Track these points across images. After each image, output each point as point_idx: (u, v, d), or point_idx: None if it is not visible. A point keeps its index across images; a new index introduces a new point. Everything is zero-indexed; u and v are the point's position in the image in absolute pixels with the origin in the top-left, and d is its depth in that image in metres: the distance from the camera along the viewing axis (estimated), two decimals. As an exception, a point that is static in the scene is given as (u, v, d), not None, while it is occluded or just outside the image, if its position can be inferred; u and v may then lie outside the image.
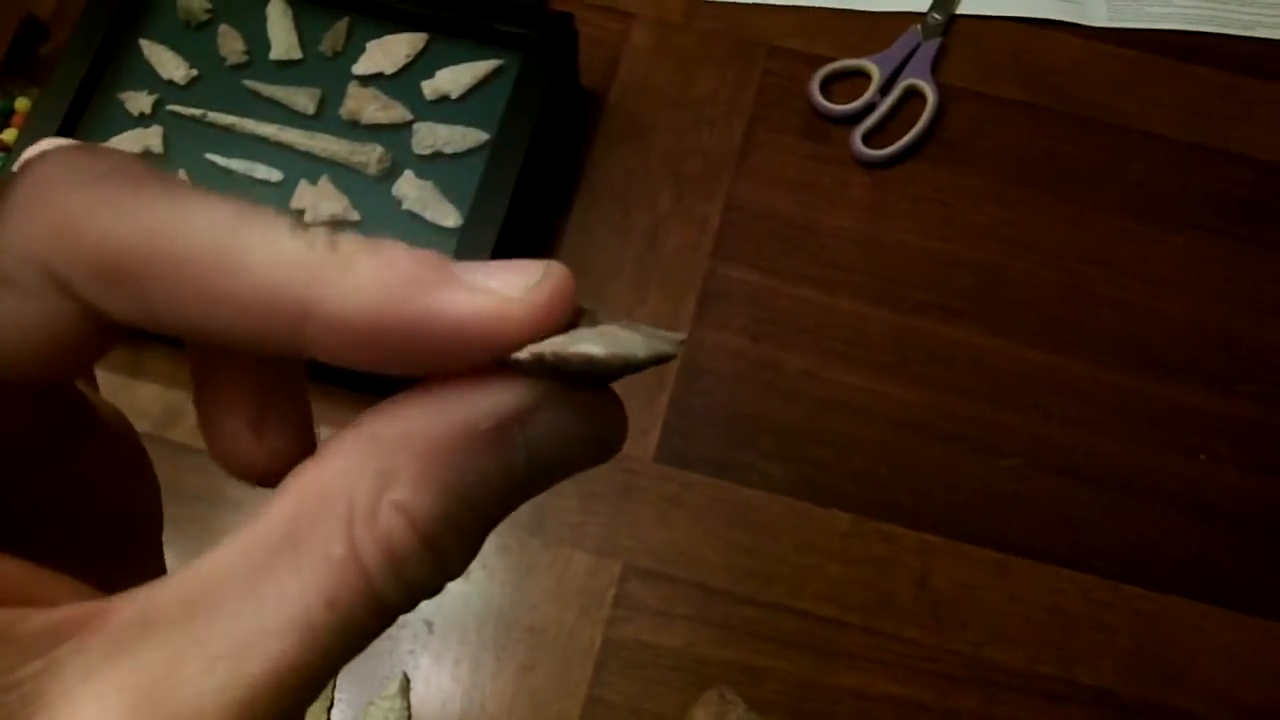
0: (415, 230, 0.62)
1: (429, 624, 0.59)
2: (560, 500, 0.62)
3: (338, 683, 0.59)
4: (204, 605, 0.15)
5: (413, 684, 0.59)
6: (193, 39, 0.67)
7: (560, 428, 0.17)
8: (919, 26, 0.72)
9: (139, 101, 0.65)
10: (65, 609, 0.16)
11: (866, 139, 0.69)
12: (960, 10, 0.73)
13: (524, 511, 0.61)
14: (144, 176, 0.16)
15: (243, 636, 0.15)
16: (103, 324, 0.17)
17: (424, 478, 0.16)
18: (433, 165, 0.64)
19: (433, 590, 0.17)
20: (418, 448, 0.16)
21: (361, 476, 0.16)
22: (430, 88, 0.65)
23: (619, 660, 0.59)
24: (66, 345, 0.17)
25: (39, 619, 0.15)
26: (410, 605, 0.17)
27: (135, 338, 0.21)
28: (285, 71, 0.66)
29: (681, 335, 0.18)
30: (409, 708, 0.58)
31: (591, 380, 0.17)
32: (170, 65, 0.66)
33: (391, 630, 0.58)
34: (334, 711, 0.58)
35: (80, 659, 0.15)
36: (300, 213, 0.62)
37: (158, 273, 0.16)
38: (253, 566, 0.16)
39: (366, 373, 0.17)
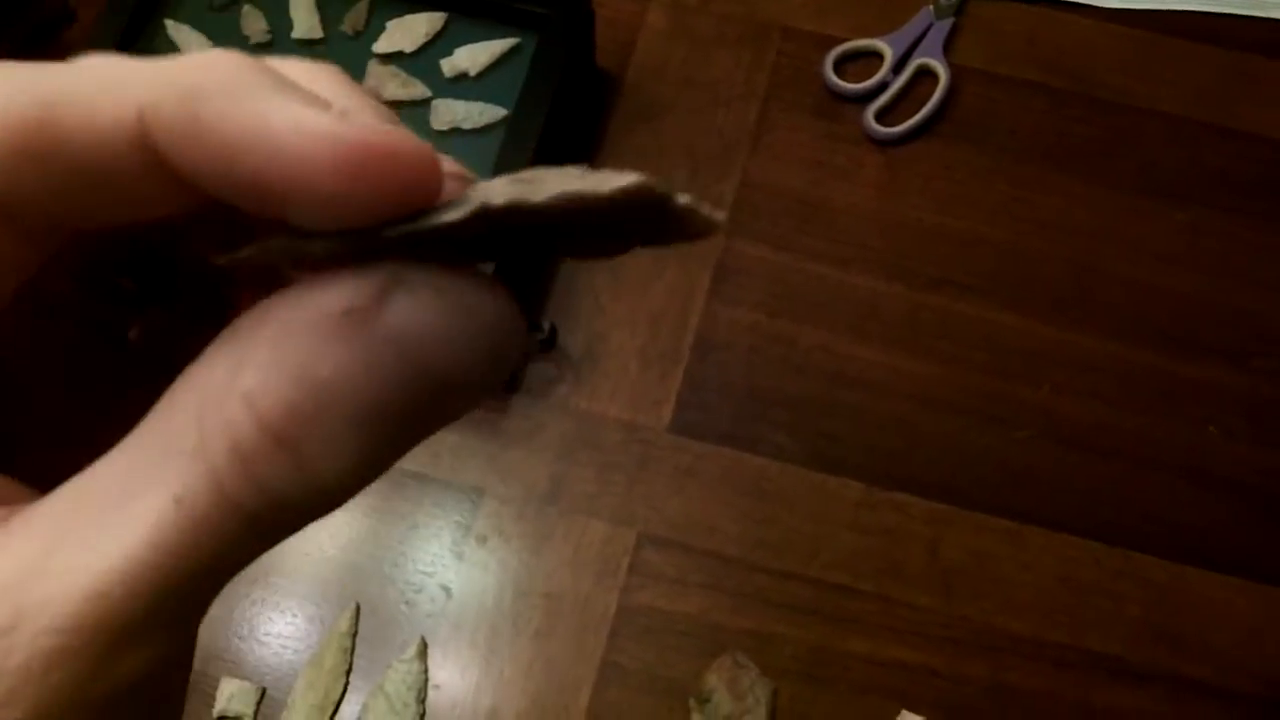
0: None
1: (447, 590, 0.60)
2: (577, 470, 0.63)
3: (354, 647, 0.60)
4: (82, 500, 0.15)
5: (431, 648, 0.60)
6: (217, 20, 0.68)
7: (424, 313, 0.15)
8: (931, 7, 0.73)
9: (164, 80, 0.66)
10: None
11: (879, 118, 0.70)
12: (972, -8, 0.74)
13: (541, 481, 0.62)
14: (48, 64, 0.16)
15: (98, 529, 0.15)
16: (17, 225, 0.16)
17: (272, 364, 0.15)
18: (450, 141, 0.65)
19: (302, 501, 0.15)
20: (268, 335, 0.15)
21: (216, 366, 0.15)
22: (449, 65, 0.66)
23: (634, 626, 0.60)
24: None
25: None
26: (280, 515, 0.15)
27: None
28: (307, 51, 0.67)
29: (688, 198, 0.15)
30: (426, 670, 0.59)
31: (470, 252, 0.15)
32: (195, 46, 0.67)
33: (409, 595, 0.60)
34: (352, 675, 0.59)
35: None
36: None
37: (45, 135, 0.15)
38: (128, 464, 0.15)
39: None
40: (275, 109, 0.15)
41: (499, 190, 0.15)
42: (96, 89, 0.15)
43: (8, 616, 0.14)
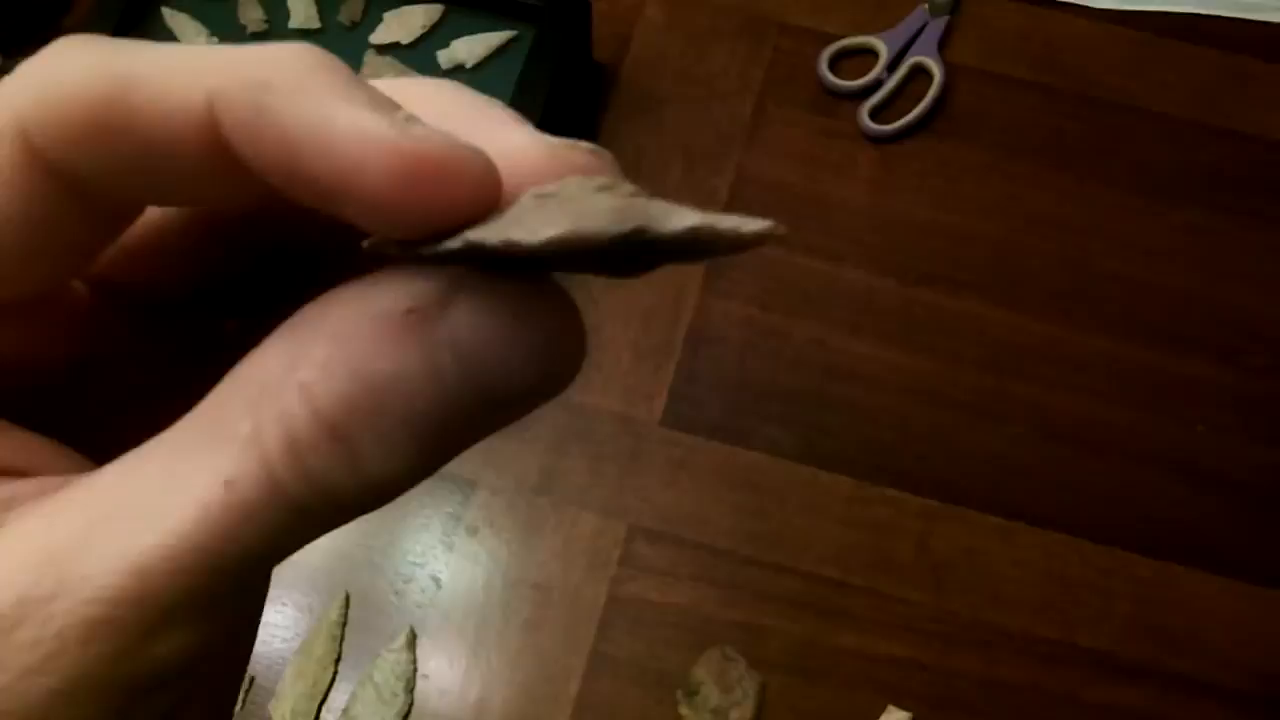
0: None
1: (437, 580, 0.60)
2: (569, 462, 0.63)
3: (344, 637, 0.59)
4: (133, 476, 0.15)
5: (420, 638, 0.60)
6: (214, 8, 0.68)
7: (486, 321, 0.15)
8: (926, 5, 0.73)
9: (160, 68, 0.66)
10: (35, 480, 0.16)
11: (874, 115, 0.70)
12: (968, -9, 0.74)
13: (532, 472, 0.62)
14: (129, 41, 0.16)
15: (146, 508, 0.15)
16: (88, 200, 0.16)
17: (331, 360, 0.15)
18: (447, 132, 0.65)
19: (352, 495, 0.15)
20: (329, 329, 0.15)
21: (275, 356, 0.15)
22: (445, 57, 0.67)
23: (624, 618, 0.60)
24: (54, 234, 0.16)
25: (6, 486, 0.16)
26: (328, 508, 0.15)
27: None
28: (304, 40, 0.67)
29: (756, 224, 0.14)
30: (415, 661, 0.59)
31: (533, 266, 0.15)
32: (191, 34, 0.67)
33: (399, 585, 0.60)
34: (341, 664, 0.59)
35: (18, 521, 0.15)
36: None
37: (114, 116, 0.15)
38: (182, 444, 0.15)
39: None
40: (339, 110, 0.15)
41: (534, 215, 0.15)
42: (171, 71, 0.15)
43: (50, 585, 0.14)
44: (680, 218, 0.14)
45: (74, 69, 0.15)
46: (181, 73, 0.15)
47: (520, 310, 0.15)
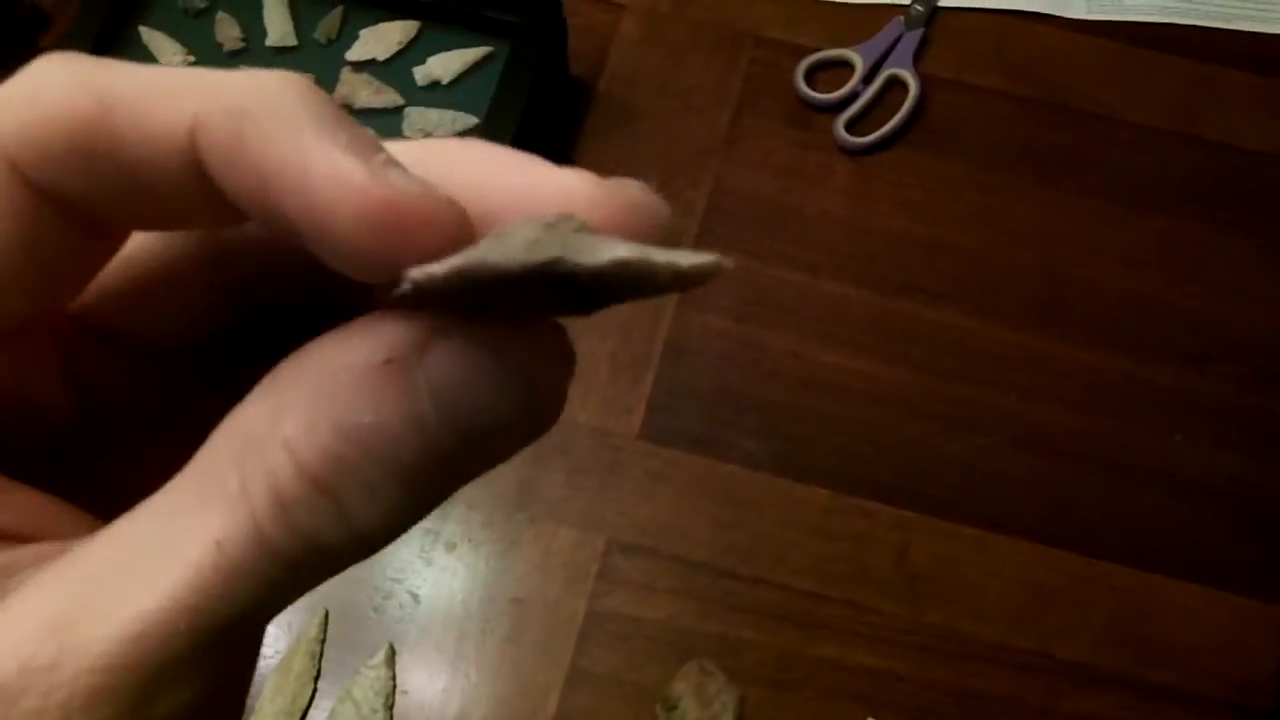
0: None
1: (415, 595, 0.60)
2: (546, 475, 0.63)
3: (323, 653, 0.60)
4: (126, 542, 0.15)
5: (399, 654, 0.60)
6: (191, 26, 0.68)
7: (463, 366, 0.15)
8: (902, 18, 0.73)
9: (137, 86, 0.66)
10: (34, 546, 0.16)
11: (849, 127, 0.70)
12: (943, 2, 0.74)
13: (510, 486, 0.62)
14: (111, 61, 0.16)
15: (140, 573, 0.15)
16: (75, 221, 0.16)
17: (312, 414, 0.15)
18: (423, 148, 0.65)
19: (342, 547, 0.15)
20: (310, 382, 0.15)
21: (258, 411, 0.15)
22: (422, 73, 0.67)
23: (602, 632, 0.60)
24: (42, 255, 0.16)
25: (5, 554, 0.16)
26: (319, 561, 0.15)
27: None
28: (281, 58, 0.68)
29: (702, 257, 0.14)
30: (394, 677, 0.59)
31: (499, 301, 0.15)
32: (169, 52, 0.67)
33: (378, 601, 0.60)
34: (320, 680, 0.59)
35: (17, 590, 0.15)
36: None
37: (100, 132, 0.15)
38: (173, 505, 0.15)
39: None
40: (317, 148, 0.15)
41: (491, 250, 0.14)
42: (153, 93, 0.15)
43: (52, 655, 0.14)
44: (608, 250, 0.14)
45: (55, 88, 0.15)
46: (164, 95, 0.15)
47: (499, 353, 0.15)
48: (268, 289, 0.20)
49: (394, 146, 0.17)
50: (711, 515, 0.62)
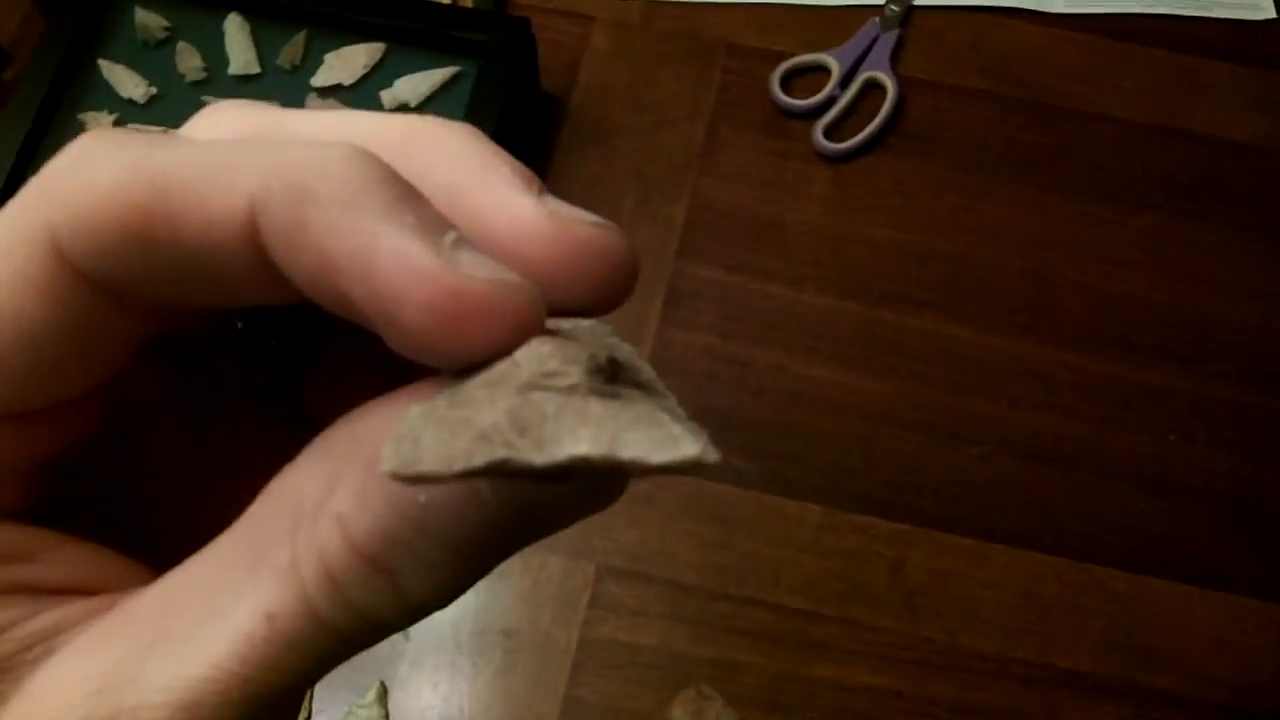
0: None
1: (405, 630, 0.59)
2: (532, 503, 0.62)
3: (314, 694, 0.58)
4: (174, 604, 0.15)
5: (390, 691, 0.59)
6: (152, 57, 0.67)
7: None
8: (877, 19, 0.72)
9: (99, 122, 0.65)
10: (84, 601, 0.16)
11: (828, 133, 0.69)
12: (918, 2, 0.73)
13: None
14: (159, 137, 0.15)
15: (191, 639, 0.15)
16: (122, 307, 0.16)
17: (366, 490, 0.14)
18: (394, 174, 0.64)
19: (395, 619, 0.15)
20: (364, 455, 0.15)
21: (310, 481, 0.15)
22: (389, 97, 0.66)
23: (596, 660, 0.59)
24: (87, 343, 0.16)
25: (57, 611, 0.16)
26: (371, 632, 0.15)
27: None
28: (245, 86, 0.66)
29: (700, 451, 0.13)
30: (387, 715, 0.58)
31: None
32: (129, 84, 0.66)
33: (367, 639, 0.59)
34: (312, 722, 0.58)
35: (67, 647, 0.15)
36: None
37: (155, 219, 0.15)
38: (221, 568, 0.15)
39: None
40: (384, 232, 0.14)
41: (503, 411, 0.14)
42: (209, 174, 0.15)
43: (104, 718, 0.14)
44: (570, 444, 0.13)
45: (106, 173, 0.15)
46: (220, 174, 0.15)
47: None
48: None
49: (368, 119, 0.17)
50: (702, 537, 0.61)
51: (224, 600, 0.15)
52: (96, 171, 0.15)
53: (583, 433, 0.13)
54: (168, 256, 0.15)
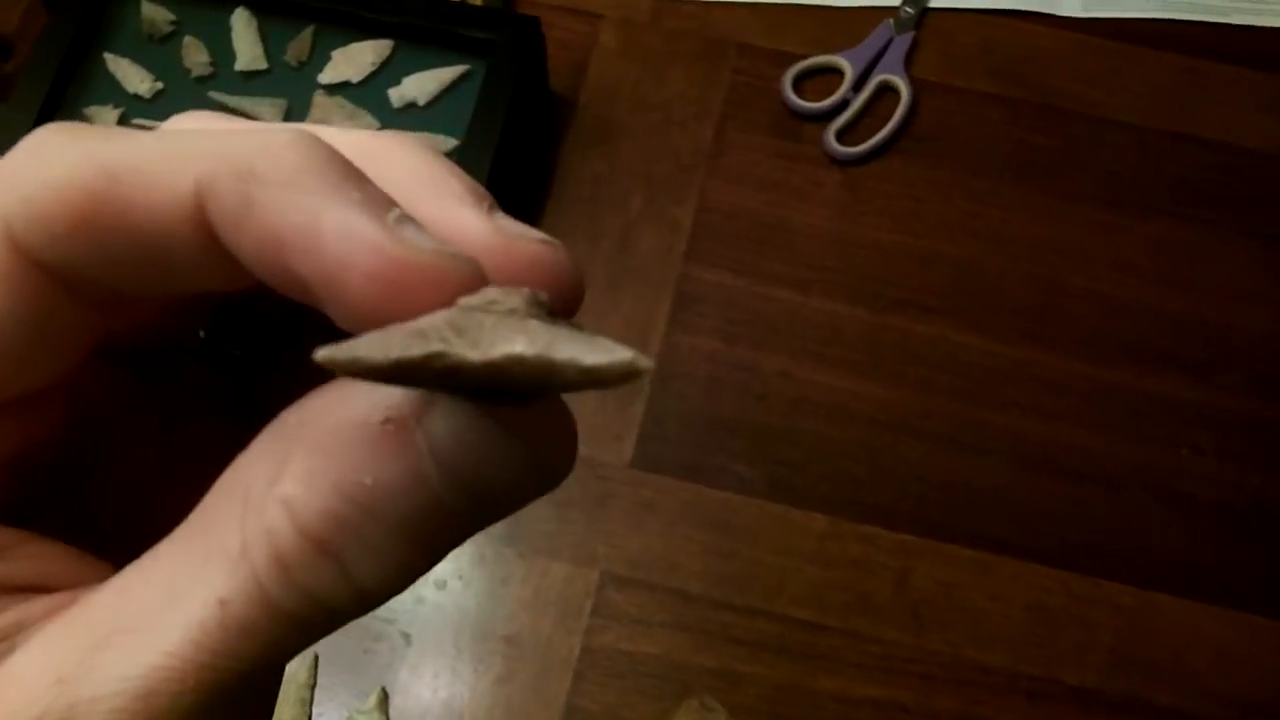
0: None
1: (406, 636, 0.59)
2: (535, 509, 0.61)
3: (314, 698, 0.58)
4: (131, 595, 0.15)
5: (391, 697, 0.58)
6: (157, 51, 0.66)
7: (463, 426, 0.15)
8: (891, 21, 0.71)
9: (104, 116, 0.64)
10: (46, 598, 0.16)
11: (840, 136, 0.68)
12: (932, 3, 0.72)
13: (499, 522, 0.61)
14: (113, 130, 0.16)
15: (146, 629, 0.15)
16: (77, 294, 0.16)
17: (312, 472, 0.14)
18: (400, 174, 0.63)
19: (346, 605, 0.15)
20: (310, 438, 0.15)
21: (259, 466, 0.15)
22: (396, 95, 0.65)
23: (597, 669, 0.58)
24: (45, 332, 0.16)
25: (19, 608, 0.16)
26: (324, 617, 0.15)
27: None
28: (250, 82, 0.66)
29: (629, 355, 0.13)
30: (386, 722, 0.58)
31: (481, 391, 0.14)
32: (134, 79, 0.65)
33: (368, 643, 0.58)
34: (311, 727, 0.58)
35: (28, 644, 0.15)
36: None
37: (102, 211, 0.15)
38: (176, 558, 0.15)
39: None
40: (329, 208, 0.15)
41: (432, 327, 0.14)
42: (158, 160, 0.15)
43: (60, 712, 0.14)
44: (505, 343, 0.13)
45: (59, 163, 0.15)
46: (169, 160, 0.15)
47: (499, 415, 0.15)
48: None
49: (325, 132, 0.17)
50: (705, 545, 0.61)
51: (178, 589, 0.15)
52: (51, 161, 0.15)
53: (519, 338, 0.13)
54: (119, 242, 0.15)
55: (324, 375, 0.20)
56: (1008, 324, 0.65)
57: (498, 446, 0.15)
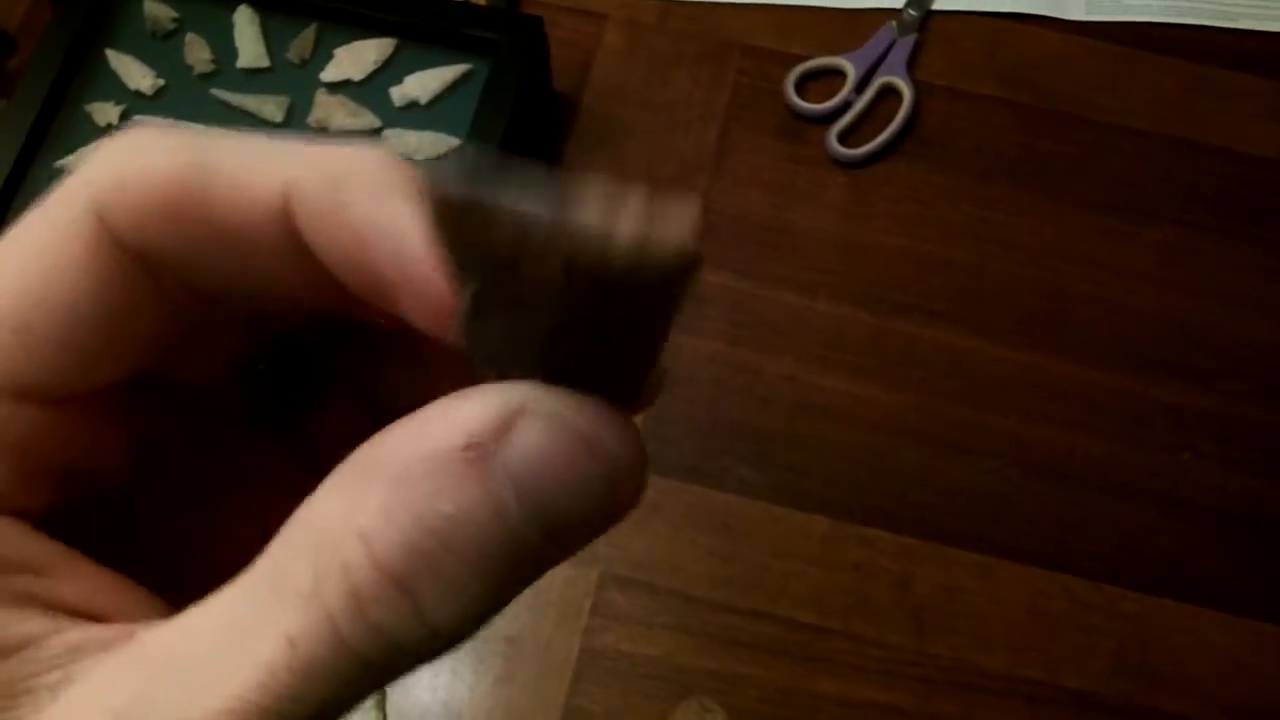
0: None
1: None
2: (536, 509, 0.61)
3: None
4: (195, 636, 0.15)
5: (390, 696, 0.58)
6: (159, 48, 0.66)
7: (545, 450, 0.15)
8: (894, 23, 0.71)
9: (106, 113, 0.64)
10: (100, 628, 0.16)
11: (842, 138, 0.68)
12: (936, 6, 0.72)
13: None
14: (204, 130, 0.17)
15: (212, 667, 0.14)
16: (160, 289, 0.17)
17: (391, 505, 0.14)
18: (403, 172, 0.63)
19: (419, 645, 0.15)
20: (387, 472, 0.15)
21: (332, 502, 0.15)
22: (399, 94, 0.65)
23: (597, 670, 0.58)
24: (125, 320, 0.17)
25: (73, 634, 0.15)
26: (396, 660, 0.15)
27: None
28: (253, 80, 0.66)
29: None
30: (385, 722, 0.58)
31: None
32: (137, 75, 0.65)
33: (366, 644, 0.58)
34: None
35: (85, 675, 0.15)
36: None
37: (192, 201, 0.16)
38: (244, 599, 0.15)
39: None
40: (414, 215, 0.16)
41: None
42: (249, 160, 0.16)
43: None
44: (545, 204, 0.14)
45: (153, 153, 0.16)
46: (259, 162, 0.16)
47: (582, 434, 0.15)
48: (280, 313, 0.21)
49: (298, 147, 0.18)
50: (707, 546, 0.60)
51: (245, 629, 0.15)
52: (147, 151, 0.16)
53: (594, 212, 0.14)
54: (205, 233, 0.16)
55: (378, 417, 0.20)
56: (1013, 329, 0.64)
57: (576, 468, 0.15)
